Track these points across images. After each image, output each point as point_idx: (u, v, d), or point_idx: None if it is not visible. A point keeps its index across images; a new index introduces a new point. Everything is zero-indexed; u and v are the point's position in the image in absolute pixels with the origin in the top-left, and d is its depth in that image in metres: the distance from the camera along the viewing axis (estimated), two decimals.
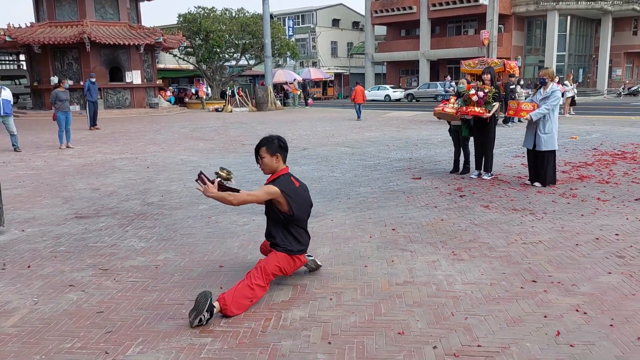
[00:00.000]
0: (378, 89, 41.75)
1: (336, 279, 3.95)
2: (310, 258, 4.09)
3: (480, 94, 7.44)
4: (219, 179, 3.50)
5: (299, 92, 34.40)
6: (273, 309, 3.45)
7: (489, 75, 7.73)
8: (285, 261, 3.65)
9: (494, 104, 7.48)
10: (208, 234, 5.23)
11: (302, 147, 12.10)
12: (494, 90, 7.50)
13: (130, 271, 4.22)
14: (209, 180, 3.45)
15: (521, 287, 3.72)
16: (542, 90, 7.16)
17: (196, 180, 3.52)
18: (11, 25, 24.51)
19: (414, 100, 38.74)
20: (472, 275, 3.97)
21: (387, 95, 40.07)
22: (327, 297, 3.61)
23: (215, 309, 3.26)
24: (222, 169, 3.57)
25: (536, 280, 3.84)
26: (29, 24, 25.57)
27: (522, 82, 20.28)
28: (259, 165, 3.73)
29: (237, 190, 3.54)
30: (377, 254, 4.49)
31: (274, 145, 3.67)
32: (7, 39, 24.01)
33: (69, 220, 5.87)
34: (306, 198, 3.82)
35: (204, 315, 3.20)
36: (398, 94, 40.21)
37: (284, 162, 3.75)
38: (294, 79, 35.94)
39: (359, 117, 20.97)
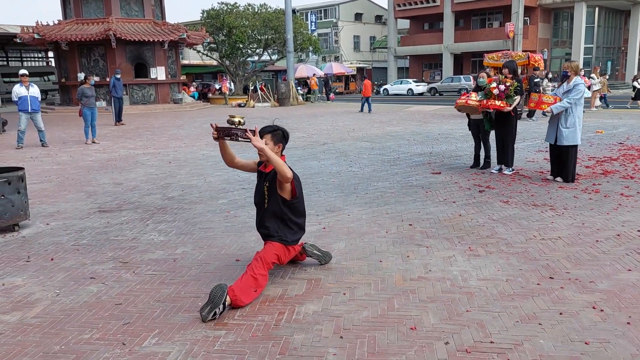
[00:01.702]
0: (401, 83, 41.46)
1: (350, 273, 3.97)
2: (309, 244, 4.17)
3: (502, 87, 7.34)
4: (237, 125, 3.57)
5: (317, 87, 34.29)
6: (287, 303, 3.49)
7: (508, 69, 7.61)
8: (282, 250, 3.75)
9: (515, 97, 7.38)
10: (226, 228, 5.29)
11: (322, 141, 12.12)
12: (515, 83, 7.39)
13: (149, 264, 4.30)
14: (227, 130, 3.59)
15: (537, 284, 3.69)
16: (565, 83, 7.05)
17: (221, 137, 3.65)
18: (39, 23, 25.07)
19: (437, 94, 38.37)
20: (488, 271, 3.95)
21: (410, 89, 39.75)
22: (340, 292, 3.63)
23: (227, 302, 3.32)
24: (233, 116, 3.61)
25: (553, 277, 3.80)
26: (56, 22, 26.12)
27: (550, 76, 19.86)
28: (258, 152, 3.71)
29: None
30: (393, 249, 4.49)
31: (278, 135, 3.74)
32: (36, 36, 24.57)
33: (92, 214, 6.01)
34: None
35: (218, 308, 3.26)
36: (421, 87, 39.86)
37: (281, 153, 3.80)
38: (313, 74, 35.86)
39: (370, 109, 21.80)
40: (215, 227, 5.32)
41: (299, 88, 31.87)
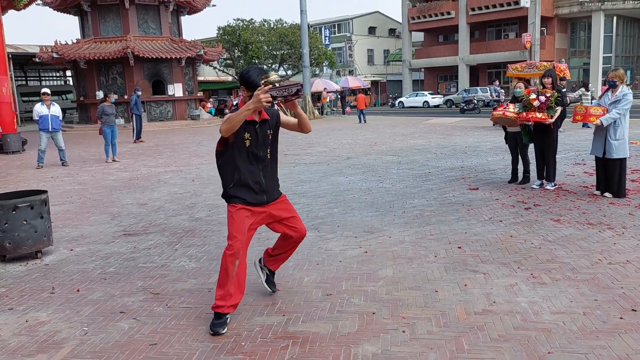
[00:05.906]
0: (416, 96, 41.14)
1: (405, 306, 3.59)
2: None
3: (542, 98, 6.95)
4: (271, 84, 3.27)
5: (327, 101, 34.06)
6: (340, 343, 3.12)
7: (550, 79, 7.22)
8: (228, 213, 3.64)
9: (557, 108, 6.99)
10: (260, 252, 4.94)
11: (345, 156, 11.78)
12: (556, 94, 7.00)
13: (183, 295, 3.97)
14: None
15: (620, 318, 3.27)
16: (610, 93, 6.66)
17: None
18: (58, 42, 25.21)
19: (453, 106, 37.92)
20: (560, 302, 3.54)
21: (426, 101, 39.41)
22: (399, 329, 3.25)
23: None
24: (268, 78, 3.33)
25: (636, 309, 3.38)
26: (75, 41, 26.26)
27: (592, 88, 18.62)
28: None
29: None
30: (447, 277, 4.10)
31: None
32: (55, 55, 24.71)
33: (117, 237, 5.70)
34: None
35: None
36: (437, 100, 39.52)
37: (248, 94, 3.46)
38: (324, 88, 35.62)
39: (365, 120, 23.78)
40: (248, 252, 4.97)
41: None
